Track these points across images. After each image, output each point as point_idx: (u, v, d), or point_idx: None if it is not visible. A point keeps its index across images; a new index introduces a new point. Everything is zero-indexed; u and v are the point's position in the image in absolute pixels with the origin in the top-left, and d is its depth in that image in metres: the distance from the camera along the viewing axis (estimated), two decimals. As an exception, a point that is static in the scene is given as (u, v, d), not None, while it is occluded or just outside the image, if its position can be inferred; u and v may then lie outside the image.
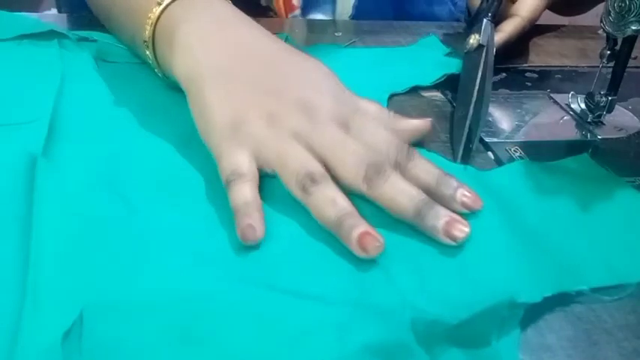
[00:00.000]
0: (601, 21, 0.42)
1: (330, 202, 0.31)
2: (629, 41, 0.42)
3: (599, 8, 0.42)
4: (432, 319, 0.27)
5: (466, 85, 0.45)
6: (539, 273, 0.30)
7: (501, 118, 0.46)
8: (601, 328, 0.28)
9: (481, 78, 0.44)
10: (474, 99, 0.43)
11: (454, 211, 0.32)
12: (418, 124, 0.40)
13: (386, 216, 0.33)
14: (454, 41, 0.60)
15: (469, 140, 0.40)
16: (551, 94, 0.51)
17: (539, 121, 0.46)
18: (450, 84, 0.50)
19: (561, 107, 0.48)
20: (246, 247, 0.30)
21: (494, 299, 0.28)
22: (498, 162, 0.41)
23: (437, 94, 0.49)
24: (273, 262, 0.30)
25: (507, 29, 0.53)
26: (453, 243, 0.31)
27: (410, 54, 0.55)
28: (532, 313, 0.29)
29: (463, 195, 0.33)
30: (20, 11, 0.53)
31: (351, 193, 0.33)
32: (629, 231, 0.34)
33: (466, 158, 0.39)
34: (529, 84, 0.53)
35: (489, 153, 0.42)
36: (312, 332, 0.26)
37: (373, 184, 0.32)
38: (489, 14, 0.50)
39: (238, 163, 0.33)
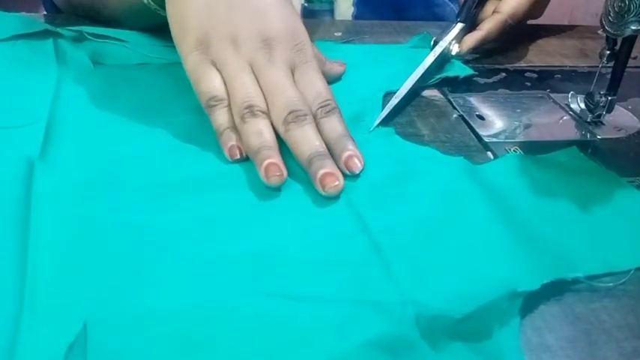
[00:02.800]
0: (601, 21, 0.42)
1: (256, 133, 0.36)
2: (629, 41, 0.42)
3: (599, 8, 0.42)
4: (435, 313, 0.27)
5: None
6: (536, 262, 0.31)
7: (501, 118, 0.46)
8: (600, 329, 0.28)
9: (421, 74, 0.47)
10: (402, 90, 0.46)
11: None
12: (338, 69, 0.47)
13: (382, 213, 0.33)
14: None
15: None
16: (551, 94, 0.51)
17: (538, 121, 0.46)
18: (449, 83, 0.50)
19: (561, 107, 0.48)
20: (246, 253, 0.30)
21: (495, 291, 0.28)
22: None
23: (437, 94, 0.49)
24: (271, 267, 0.29)
25: (485, 27, 0.54)
26: (323, 192, 0.34)
27: (404, 52, 0.55)
28: (531, 313, 0.29)
29: (349, 157, 0.37)
30: (19, 11, 0.53)
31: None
32: (620, 219, 0.35)
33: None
34: (529, 84, 0.53)
35: (489, 153, 0.42)
36: (314, 334, 0.26)
37: (289, 127, 0.37)
38: (462, 14, 0.54)
39: (215, 86, 0.38)
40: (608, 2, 0.40)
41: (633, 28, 0.40)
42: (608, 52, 0.43)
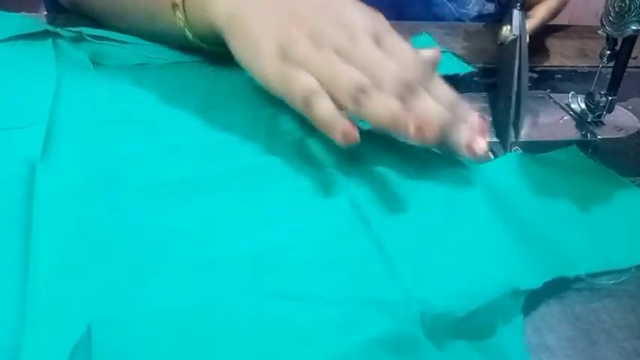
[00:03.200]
0: (601, 21, 0.42)
1: (384, 106, 0.34)
2: (629, 41, 0.42)
3: (599, 8, 0.42)
4: (439, 312, 0.27)
5: (504, 77, 0.47)
6: (537, 261, 0.31)
7: (501, 118, 0.46)
8: (600, 329, 0.28)
9: (519, 68, 0.46)
10: (514, 89, 0.44)
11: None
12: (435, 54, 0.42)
13: (384, 212, 0.33)
14: (453, 41, 0.60)
15: (516, 128, 0.42)
16: (552, 94, 0.51)
17: (539, 121, 0.46)
18: (449, 83, 0.50)
19: (561, 107, 0.48)
20: (247, 253, 0.30)
21: (497, 289, 0.28)
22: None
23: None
24: (272, 266, 0.29)
25: (538, 14, 0.54)
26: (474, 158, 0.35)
27: None
28: (531, 313, 0.29)
29: (473, 118, 0.36)
30: (19, 11, 0.53)
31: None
32: (620, 217, 0.35)
33: (511, 146, 0.42)
34: (529, 84, 0.53)
35: (489, 153, 0.42)
36: (317, 333, 0.26)
37: (407, 102, 0.34)
38: (518, 3, 0.51)
39: (309, 83, 0.35)
40: (609, 2, 0.40)
41: (633, 28, 0.40)
42: (609, 52, 0.43)
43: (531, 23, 0.53)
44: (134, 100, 0.43)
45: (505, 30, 0.49)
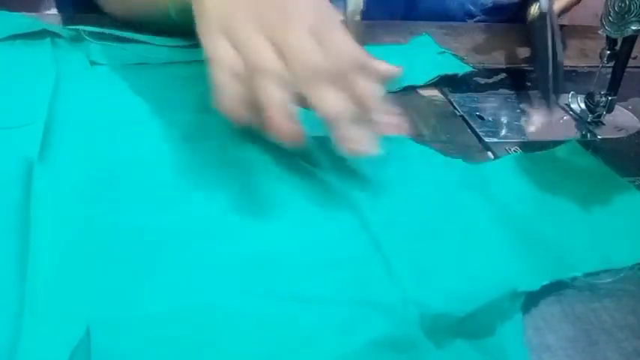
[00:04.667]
0: (601, 21, 0.42)
1: (265, 92, 0.34)
2: (629, 41, 0.42)
3: (599, 8, 0.42)
4: (439, 312, 0.27)
5: (538, 52, 0.48)
6: (536, 262, 0.31)
7: (501, 118, 0.46)
8: (601, 329, 0.28)
9: (552, 41, 0.47)
10: (550, 62, 0.46)
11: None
12: (389, 68, 0.41)
13: (383, 213, 0.33)
14: (453, 41, 0.60)
15: (557, 95, 0.45)
16: (551, 94, 0.51)
17: (539, 121, 0.46)
18: (449, 83, 0.50)
19: (561, 107, 0.48)
20: (246, 253, 0.30)
21: (496, 291, 0.28)
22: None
23: (437, 94, 0.49)
24: (273, 268, 0.29)
25: None
26: (348, 155, 0.34)
27: (403, 52, 0.55)
28: (532, 313, 0.29)
29: (389, 118, 0.36)
30: (20, 11, 0.53)
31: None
32: (618, 217, 0.35)
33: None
34: (529, 84, 0.53)
35: (489, 153, 0.42)
36: (317, 334, 0.26)
37: (310, 87, 0.35)
38: None
39: (224, 52, 0.36)
40: (608, 2, 0.40)
41: (633, 28, 0.40)
42: (609, 52, 0.43)
43: (559, 3, 0.54)
44: (132, 100, 0.42)
45: (533, 9, 0.51)
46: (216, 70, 0.36)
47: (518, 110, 0.48)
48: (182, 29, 0.47)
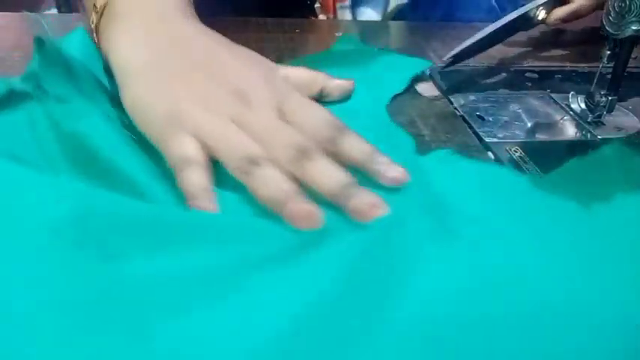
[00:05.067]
0: (601, 21, 0.42)
1: (270, 188, 0.32)
2: (629, 41, 0.42)
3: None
4: None
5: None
6: None
7: (501, 118, 0.46)
8: None
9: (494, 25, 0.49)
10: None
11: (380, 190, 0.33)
12: (343, 83, 0.43)
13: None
14: (453, 41, 0.60)
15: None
16: (552, 94, 0.51)
17: (539, 121, 0.46)
18: (449, 82, 0.50)
19: (561, 107, 0.48)
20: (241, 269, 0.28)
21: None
22: (498, 162, 0.41)
23: (437, 94, 0.49)
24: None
25: (578, 1, 0.55)
26: (366, 222, 0.31)
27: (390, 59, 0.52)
28: None
29: (395, 170, 0.34)
30: (20, 11, 0.53)
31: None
32: None
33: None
34: (529, 84, 0.53)
35: (489, 153, 0.42)
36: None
37: (301, 166, 0.33)
38: None
39: (183, 149, 0.33)
40: (609, 2, 0.40)
41: (634, 28, 0.40)
42: (609, 52, 0.43)
43: (567, 8, 0.54)
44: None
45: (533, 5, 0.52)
46: (185, 168, 0.33)
47: (519, 110, 0.48)
48: None
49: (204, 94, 0.36)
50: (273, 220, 0.31)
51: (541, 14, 0.52)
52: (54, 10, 0.72)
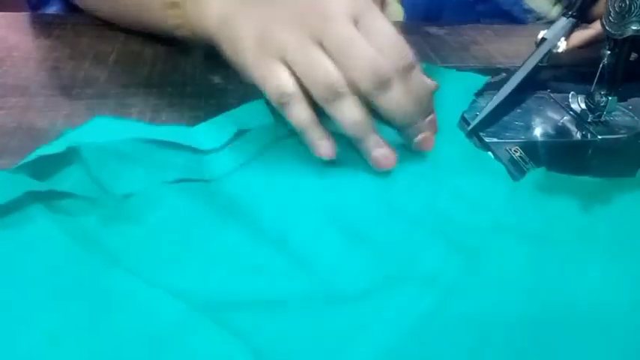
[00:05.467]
0: (601, 21, 0.42)
1: (350, 120, 0.36)
2: (629, 41, 0.42)
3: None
4: None
5: (515, 71, 0.48)
6: None
7: (501, 118, 0.46)
8: None
9: (524, 67, 0.48)
10: (509, 84, 0.46)
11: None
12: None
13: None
14: (453, 41, 0.60)
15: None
16: (552, 94, 0.51)
17: (539, 121, 0.46)
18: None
19: (561, 107, 0.48)
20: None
21: None
22: (499, 162, 0.41)
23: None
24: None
25: (597, 26, 0.52)
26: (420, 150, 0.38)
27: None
28: None
29: (430, 120, 0.39)
30: (20, 11, 0.53)
31: None
32: None
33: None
34: (529, 84, 0.53)
35: (489, 153, 0.42)
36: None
37: (378, 91, 0.35)
38: (570, 12, 0.51)
39: (282, 82, 0.36)
40: (609, 2, 0.40)
41: (634, 28, 0.40)
42: (609, 52, 0.43)
43: (585, 33, 0.52)
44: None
45: (541, 33, 0.51)
46: (288, 109, 0.36)
47: (519, 110, 0.48)
48: (177, 40, 0.47)
49: (286, 14, 0.37)
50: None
51: (562, 45, 0.50)
52: (54, 8, 0.72)
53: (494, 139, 0.43)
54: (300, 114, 0.36)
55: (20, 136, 0.40)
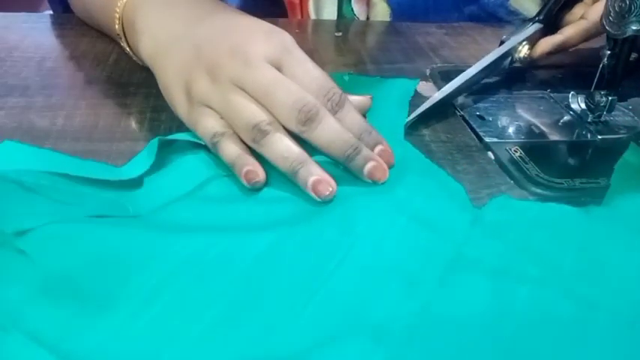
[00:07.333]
0: (601, 21, 0.42)
1: (280, 156, 0.35)
2: (629, 41, 0.42)
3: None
4: None
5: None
6: None
7: (501, 118, 0.46)
8: None
9: (488, 65, 0.47)
10: (461, 80, 0.46)
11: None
12: (362, 99, 0.41)
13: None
14: (453, 41, 0.60)
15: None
16: (552, 94, 0.51)
17: (539, 121, 0.46)
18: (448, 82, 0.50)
19: (561, 107, 0.48)
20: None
21: None
22: (498, 162, 0.41)
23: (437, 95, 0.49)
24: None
25: (567, 32, 0.51)
26: (374, 182, 0.36)
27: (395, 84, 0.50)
28: None
29: (381, 150, 0.38)
30: (20, 11, 0.53)
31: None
32: None
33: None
34: (529, 84, 0.53)
35: (489, 153, 0.42)
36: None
37: (308, 127, 0.35)
38: (539, 17, 0.51)
39: (211, 124, 0.36)
40: (609, 2, 0.40)
41: (634, 28, 0.40)
42: (609, 52, 0.43)
43: (553, 39, 0.51)
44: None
45: (508, 36, 0.50)
46: (219, 147, 0.36)
47: (519, 110, 0.48)
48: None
49: (206, 62, 0.37)
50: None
51: (523, 50, 0.49)
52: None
53: (495, 139, 0.43)
54: (229, 148, 0.36)
55: (20, 136, 0.40)
